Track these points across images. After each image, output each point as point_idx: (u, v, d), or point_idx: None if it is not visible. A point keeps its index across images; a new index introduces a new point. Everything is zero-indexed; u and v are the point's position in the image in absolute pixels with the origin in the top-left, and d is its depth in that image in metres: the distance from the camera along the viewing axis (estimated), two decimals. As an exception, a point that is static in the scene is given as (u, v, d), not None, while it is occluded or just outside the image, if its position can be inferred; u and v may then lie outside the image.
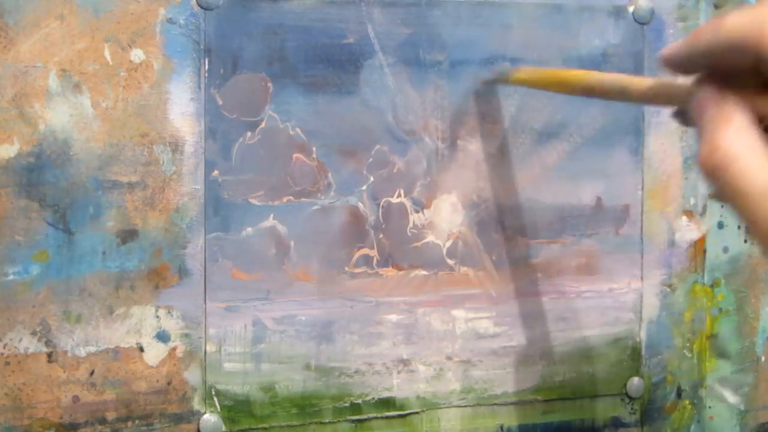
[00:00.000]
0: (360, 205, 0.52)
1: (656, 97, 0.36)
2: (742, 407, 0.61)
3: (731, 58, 0.30)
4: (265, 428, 0.51)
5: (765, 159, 0.29)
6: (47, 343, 0.48)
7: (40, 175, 0.47)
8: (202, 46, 0.49)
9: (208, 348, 0.50)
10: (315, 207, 0.52)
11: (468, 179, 0.54)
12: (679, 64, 0.32)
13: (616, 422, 0.58)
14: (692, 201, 0.59)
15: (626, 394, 0.58)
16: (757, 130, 0.30)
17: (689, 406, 0.60)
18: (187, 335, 0.50)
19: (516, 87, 0.54)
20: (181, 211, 0.49)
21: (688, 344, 0.59)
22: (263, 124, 0.50)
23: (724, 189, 0.29)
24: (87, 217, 0.48)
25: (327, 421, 0.52)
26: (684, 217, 0.59)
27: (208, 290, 0.50)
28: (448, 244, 0.54)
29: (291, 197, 0.51)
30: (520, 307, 0.56)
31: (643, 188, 0.58)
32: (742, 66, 0.30)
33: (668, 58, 0.33)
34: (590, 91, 0.42)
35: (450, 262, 0.54)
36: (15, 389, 0.47)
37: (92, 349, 0.48)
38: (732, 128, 0.29)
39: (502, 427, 0.56)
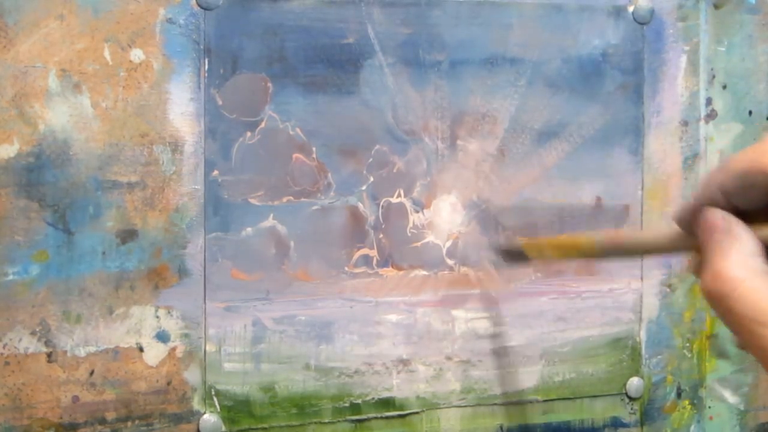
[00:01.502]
0: (360, 205, 0.52)
1: (675, 246, 0.35)
2: (742, 407, 0.61)
3: (741, 190, 0.30)
4: (265, 428, 0.51)
5: None
6: (47, 343, 0.47)
7: (39, 175, 0.47)
8: (201, 46, 0.49)
9: (207, 348, 0.50)
10: (315, 207, 0.52)
11: (468, 179, 0.54)
12: (691, 212, 0.32)
13: (616, 422, 0.58)
14: (692, 201, 0.59)
15: (626, 394, 0.58)
16: (764, 258, 0.29)
17: (689, 406, 0.60)
18: (186, 335, 0.50)
19: (516, 89, 0.54)
20: (181, 211, 0.49)
21: (688, 344, 0.59)
22: (263, 124, 0.50)
23: (726, 316, 0.29)
24: (87, 217, 0.48)
25: (327, 421, 0.52)
26: (684, 217, 0.59)
27: (208, 290, 0.50)
28: (448, 244, 0.54)
29: (291, 197, 0.51)
30: (520, 307, 0.56)
31: (642, 188, 0.58)
32: (753, 201, 0.30)
33: (679, 216, 0.32)
34: (608, 253, 0.41)
35: (450, 262, 0.54)
36: (15, 389, 0.47)
37: (92, 349, 0.48)
38: (736, 253, 0.29)
39: (501, 427, 0.56)
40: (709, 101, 0.59)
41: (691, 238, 0.33)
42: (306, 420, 0.52)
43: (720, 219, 0.30)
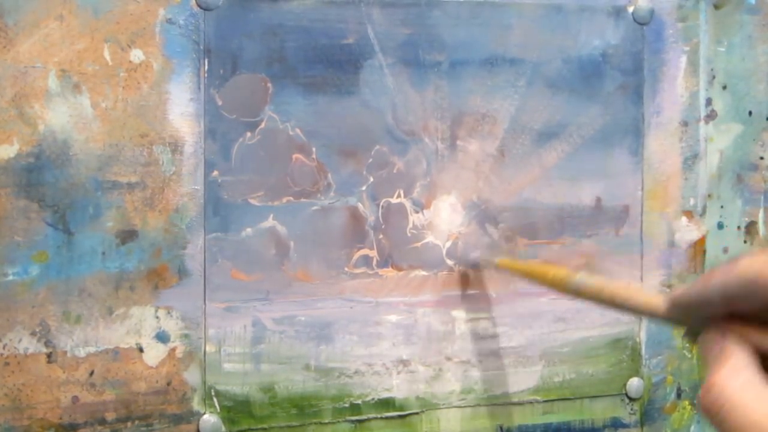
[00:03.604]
0: (360, 205, 0.52)
1: (651, 314, 0.36)
2: (741, 408, 0.61)
3: (744, 297, 0.30)
4: (265, 429, 0.51)
5: (761, 396, 0.29)
6: (47, 344, 0.48)
7: (39, 175, 0.47)
8: (201, 47, 0.49)
9: (207, 348, 0.50)
10: (315, 207, 0.52)
11: (467, 180, 0.54)
12: (689, 306, 0.33)
13: (616, 423, 0.58)
14: (692, 201, 0.59)
15: (626, 394, 0.58)
16: (760, 367, 0.30)
17: (689, 407, 0.60)
18: (186, 336, 0.50)
19: (516, 89, 0.54)
20: (181, 211, 0.49)
21: (687, 345, 0.59)
22: (263, 125, 0.50)
23: (719, 426, 0.30)
24: (86, 217, 0.48)
25: (326, 421, 0.52)
26: (684, 218, 0.59)
27: (208, 291, 0.50)
28: (448, 244, 0.54)
29: (291, 198, 0.51)
30: (520, 307, 0.56)
31: (642, 189, 0.58)
32: (754, 307, 0.30)
33: (677, 300, 0.33)
34: (579, 295, 0.42)
35: (449, 262, 0.54)
36: (15, 390, 0.47)
37: (92, 349, 0.48)
38: (728, 367, 0.30)
39: (501, 428, 0.56)
40: (709, 102, 0.59)
41: (674, 316, 0.34)
42: (306, 420, 0.52)
43: (715, 335, 0.32)
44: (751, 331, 0.31)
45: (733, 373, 0.30)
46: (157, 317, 0.49)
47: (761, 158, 0.60)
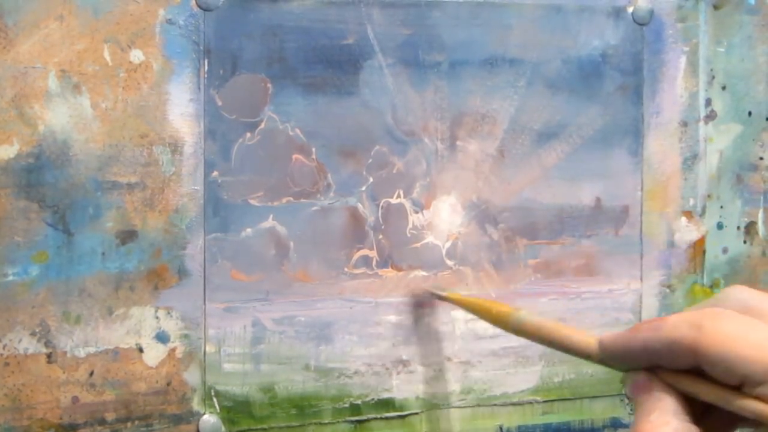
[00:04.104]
0: (359, 205, 0.52)
1: (588, 357, 0.36)
2: (741, 408, 0.61)
3: (668, 357, 0.31)
4: (265, 429, 0.51)
5: None
6: (47, 344, 0.48)
7: (39, 175, 0.47)
8: (201, 47, 0.49)
9: (207, 349, 0.50)
10: (314, 208, 0.52)
11: (467, 180, 0.54)
12: (616, 356, 0.33)
13: (616, 423, 0.58)
14: (691, 202, 0.59)
15: (625, 394, 0.58)
16: (687, 414, 0.31)
17: (688, 407, 0.60)
18: (186, 336, 0.50)
19: (516, 89, 0.55)
20: (181, 211, 0.49)
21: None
22: (263, 125, 0.50)
23: None
24: (86, 217, 0.48)
25: (326, 421, 0.52)
26: (683, 218, 0.59)
27: (208, 291, 0.50)
28: (448, 244, 0.54)
29: (290, 198, 0.51)
30: (520, 307, 0.55)
31: (642, 189, 0.58)
32: (677, 367, 0.31)
33: (606, 348, 0.34)
34: (521, 333, 0.43)
35: (449, 262, 0.54)
36: (14, 390, 0.47)
37: (92, 349, 0.48)
38: (655, 415, 0.31)
39: (501, 428, 0.56)
40: (708, 102, 0.59)
41: (605, 361, 0.35)
42: (306, 421, 0.52)
43: (643, 381, 0.32)
44: (679, 377, 0.31)
45: (660, 421, 0.30)
46: (157, 317, 0.49)
47: (761, 158, 0.60)
